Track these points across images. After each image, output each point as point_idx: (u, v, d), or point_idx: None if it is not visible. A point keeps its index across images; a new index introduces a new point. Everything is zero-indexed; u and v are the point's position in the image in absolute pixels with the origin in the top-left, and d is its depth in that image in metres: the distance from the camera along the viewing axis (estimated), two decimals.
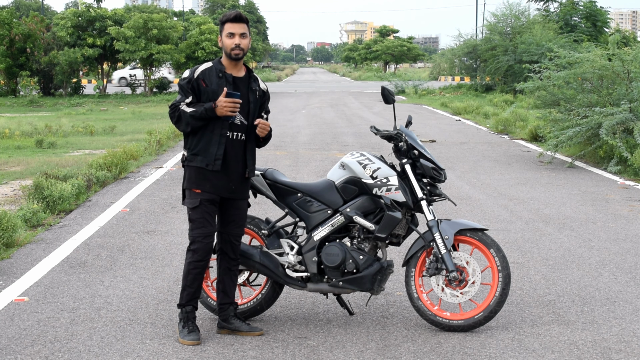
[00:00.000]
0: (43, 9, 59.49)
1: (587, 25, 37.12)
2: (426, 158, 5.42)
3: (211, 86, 5.12)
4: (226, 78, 5.15)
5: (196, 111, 5.07)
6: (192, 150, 5.17)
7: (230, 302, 5.35)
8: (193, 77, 5.14)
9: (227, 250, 5.32)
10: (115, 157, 12.23)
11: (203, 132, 5.14)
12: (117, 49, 35.85)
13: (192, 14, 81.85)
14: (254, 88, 5.26)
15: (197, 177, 5.16)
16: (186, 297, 5.22)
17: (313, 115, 25.77)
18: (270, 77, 69.25)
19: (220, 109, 5.04)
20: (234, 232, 5.31)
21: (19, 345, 5.10)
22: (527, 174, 12.59)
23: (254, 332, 5.30)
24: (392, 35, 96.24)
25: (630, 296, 6.19)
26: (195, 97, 5.13)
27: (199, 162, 5.15)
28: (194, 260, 5.18)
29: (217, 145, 5.12)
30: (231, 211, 5.29)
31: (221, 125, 5.12)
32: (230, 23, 5.13)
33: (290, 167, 13.22)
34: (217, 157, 5.12)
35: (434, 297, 5.70)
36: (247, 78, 5.25)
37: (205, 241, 5.16)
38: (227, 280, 5.35)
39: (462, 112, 25.95)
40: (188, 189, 5.21)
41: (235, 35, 5.13)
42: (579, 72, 13.92)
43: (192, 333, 5.17)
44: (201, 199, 5.15)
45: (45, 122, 20.08)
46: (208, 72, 5.16)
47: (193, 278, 5.20)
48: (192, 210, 5.18)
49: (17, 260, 7.20)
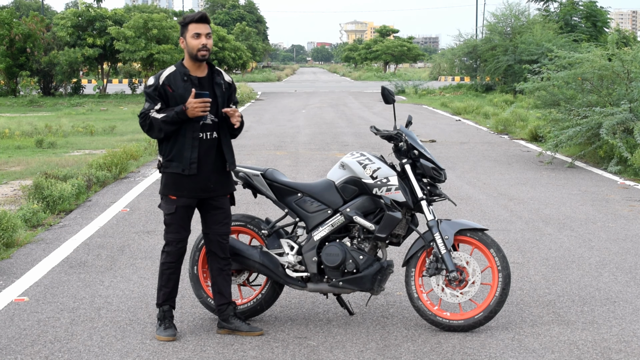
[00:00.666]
0: (43, 9, 59.50)
1: (587, 25, 37.11)
2: (426, 158, 5.42)
3: (177, 91, 5.11)
4: (191, 81, 5.15)
5: (167, 116, 5.07)
6: (167, 157, 5.18)
7: (227, 302, 5.36)
8: (158, 83, 5.13)
9: (216, 250, 5.33)
10: (115, 157, 12.24)
11: (176, 138, 5.15)
12: (117, 49, 35.85)
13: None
14: (218, 82, 5.25)
15: (174, 183, 5.19)
16: (162, 296, 5.29)
17: (313, 115, 25.77)
18: (270, 77, 69.24)
19: (192, 110, 5.03)
20: (220, 231, 5.32)
21: (19, 345, 5.11)
22: (527, 174, 12.59)
23: (254, 332, 5.31)
24: (392, 35, 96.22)
25: (630, 296, 6.19)
26: (164, 103, 5.13)
27: (175, 168, 5.16)
28: (167, 262, 5.27)
29: (191, 149, 5.13)
30: (213, 211, 5.30)
31: (192, 128, 5.12)
32: (195, 24, 5.13)
33: (290, 167, 13.22)
34: (192, 161, 5.13)
35: (434, 297, 5.70)
36: (210, 76, 5.24)
37: (178, 245, 5.26)
38: (220, 281, 5.36)
39: (462, 112, 25.95)
40: (165, 195, 5.24)
41: (201, 35, 5.13)
42: (579, 72, 13.91)
43: (168, 329, 5.23)
44: (177, 206, 5.20)
45: (45, 122, 20.08)
46: (173, 76, 5.15)
47: (167, 278, 5.27)
48: (167, 216, 5.24)
49: (17, 260, 7.20)
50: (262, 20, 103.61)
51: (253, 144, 17.04)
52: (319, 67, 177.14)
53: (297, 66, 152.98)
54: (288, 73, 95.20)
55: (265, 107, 30.10)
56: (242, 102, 32.49)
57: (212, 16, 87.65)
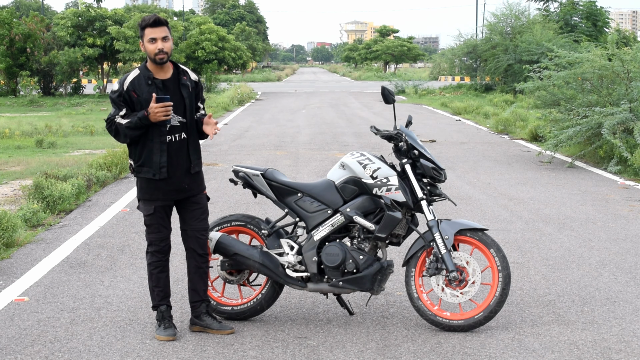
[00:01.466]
0: (43, 9, 59.50)
1: (587, 25, 37.11)
2: (426, 158, 5.42)
3: (142, 95, 5.10)
4: (155, 84, 5.12)
5: (130, 122, 5.06)
6: (138, 162, 5.19)
7: (201, 299, 5.37)
8: (123, 89, 5.11)
9: (195, 246, 5.33)
10: (115, 157, 12.24)
11: (144, 142, 5.14)
12: (117, 49, 35.86)
13: (192, 13, 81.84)
14: (185, 83, 5.22)
15: (148, 187, 5.20)
16: (157, 297, 5.30)
17: (313, 115, 25.77)
18: (270, 77, 69.23)
19: (153, 116, 5.02)
20: (198, 226, 5.32)
21: (19, 345, 5.11)
22: (527, 174, 12.59)
23: (224, 330, 5.33)
24: (392, 35, 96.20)
25: (630, 296, 6.19)
26: (129, 108, 5.11)
27: (146, 173, 5.17)
28: (153, 261, 5.28)
29: (160, 153, 5.13)
30: (190, 207, 5.31)
31: (159, 132, 5.11)
32: (150, 28, 5.08)
33: (290, 167, 13.22)
34: (162, 165, 5.14)
35: (434, 297, 5.70)
36: (175, 76, 5.22)
37: (162, 244, 5.28)
38: (196, 278, 5.37)
39: (462, 112, 25.95)
40: (141, 199, 5.26)
41: (157, 40, 5.08)
42: (579, 72, 13.92)
43: (168, 329, 5.24)
44: (155, 207, 5.22)
45: (45, 122, 20.08)
46: (137, 81, 5.12)
47: (157, 278, 5.28)
48: (147, 217, 5.25)
49: (17, 260, 7.20)
50: (262, 20, 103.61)
51: (253, 144, 17.04)
52: (319, 67, 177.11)
53: (297, 66, 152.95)
54: (288, 73, 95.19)
55: (265, 107, 30.10)
56: (242, 102, 32.51)
57: (212, 16, 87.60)
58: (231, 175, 5.71)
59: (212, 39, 39.54)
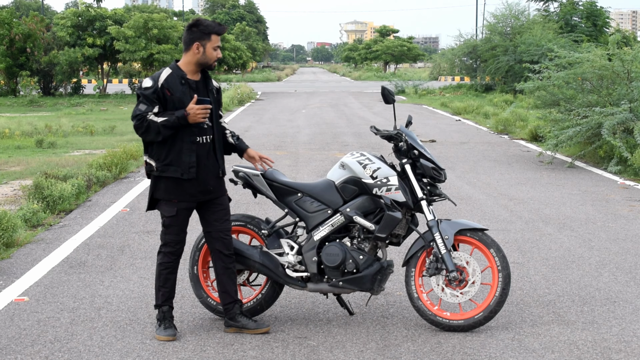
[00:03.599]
0: (43, 9, 59.51)
1: (587, 25, 37.12)
2: (426, 158, 5.42)
3: (176, 94, 5.10)
4: (189, 85, 5.15)
5: (168, 120, 5.04)
6: (164, 161, 5.15)
7: (233, 300, 5.36)
8: (158, 86, 5.10)
9: (220, 247, 5.33)
10: (115, 157, 12.24)
11: (173, 141, 5.13)
12: (117, 49, 35.85)
13: (192, 13, 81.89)
14: (210, 88, 5.28)
15: (175, 188, 5.17)
16: (161, 297, 5.29)
17: (313, 115, 25.77)
18: (270, 77, 69.20)
19: (193, 116, 5.05)
20: (222, 227, 5.32)
21: (19, 345, 5.11)
22: (527, 174, 12.59)
23: (261, 329, 5.32)
24: (392, 35, 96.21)
25: (630, 296, 6.19)
26: (161, 105, 5.11)
27: (173, 172, 5.14)
28: (164, 262, 5.27)
29: (189, 153, 5.13)
30: (213, 209, 5.31)
31: (190, 132, 5.13)
32: (217, 36, 5.17)
33: (290, 167, 13.22)
34: (191, 165, 5.14)
35: (434, 297, 5.70)
36: (203, 80, 5.27)
37: (177, 247, 5.27)
38: (225, 279, 5.36)
39: (462, 112, 25.94)
40: (165, 200, 5.21)
41: (219, 48, 5.23)
42: (579, 72, 13.91)
43: (168, 329, 5.24)
44: (177, 209, 5.19)
45: (45, 122, 20.08)
46: (171, 79, 5.12)
47: (165, 278, 5.28)
48: (168, 218, 5.22)
49: (17, 260, 7.20)
50: (262, 20, 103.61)
51: (253, 144, 17.03)
52: (319, 67, 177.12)
53: (297, 66, 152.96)
54: (288, 73, 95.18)
55: (265, 107, 30.10)
56: (242, 102, 32.51)
57: (212, 16, 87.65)
58: (231, 175, 5.70)
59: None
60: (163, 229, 5.27)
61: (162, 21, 36.45)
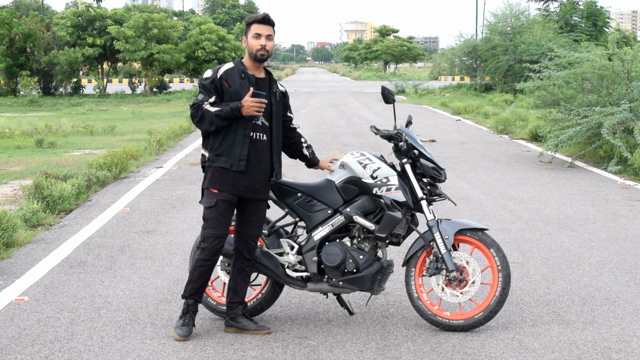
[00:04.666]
0: (43, 9, 59.51)
1: (587, 25, 37.12)
2: (426, 158, 5.42)
3: (234, 87, 5.15)
4: (249, 79, 5.19)
5: (221, 110, 5.09)
6: (216, 151, 5.19)
7: (239, 301, 5.37)
8: (216, 77, 5.17)
9: (243, 249, 5.33)
10: (115, 157, 12.24)
11: (226, 133, 5.16)
12: (117, 49, 35.86)
13: (192, 13, 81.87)
14: (274, 90, 5.31)
15: (219, 178, 5.18)
16: (190, 291, 5.28)
17: (313, 115, 25.77)
18: None
19: (247, 109, 5.07)
20: (251, 232, 5.32)
21: (19, 345, 5.11)
22: (527, 174, 12.59)
23: (262, 331, 5.32)
24: (392, 35, 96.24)
25: (630, 296, 6.19)
26: (218, 96, 5.16)
27: (223, 163, 5.16)
28: (201, 258, 5.23)
29: (241, 145, 5.15)
30: (250, 212, 5.31)
31: (244, 125, 5.15)
32: (258, 24, 5.19)
33: (290, 167, 13.21)
34: (242, 158, 5.15)
35: (434, 297, 5.70)
36: (267, 80, 5.31)
37: (214, 242, 5.20)
38: (239, 279, 5.37)
39: (462, 111, 25.95)
40: (207, 188, 5.23)
41: (261, 36, 5.19)
42: (579, 72, 13.91)
43: (184, 327, 5.23)
44: (217, 199, 5.17)
45: (45, 122, 20.09)
46: (231, 72, 5.19)
47: (199, 274, 5.25)
48: (207, 210, 5.21)
49: (17, 260, 7.20)
50: None
51: None
52: (319, 67, 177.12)
53: (297, 66, 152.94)
54: (288, 73, 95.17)
55: None
56: None
57: (212, 16, 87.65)
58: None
59: (212, 39, 39.51)
60: (203, 224, 5.25)
61: (162, 21, 36.45)
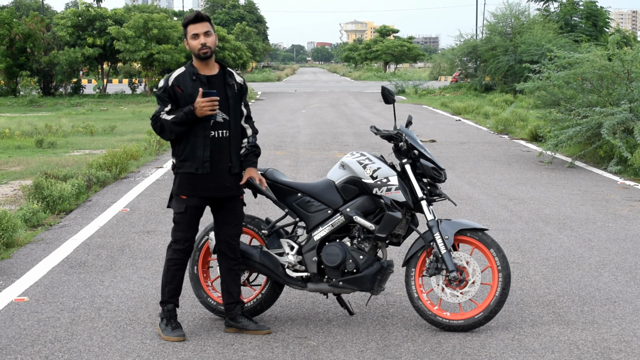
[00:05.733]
0: (43, 9, 59.50)
1: (587, 25, 37.12)
2: (426, 158, 5.42)
3: (187, 91, 5.13)
4: (200, 79, 5.16)
5: (177, 117, 5.09)
6: (180, 157, 5.20)
7: (235, 301, 5.37)
8: (168, 85, 5.16)
9: (226, 250, 5.34)
10: (116, 157, 12.24)
11: (187, 138, 5.16)
12: (117, 49, 35.86)
13: None
14: (230, 83, 5.27)
15: (188, 183, 5.19)
16: (168, 293, 5.29)
17: (313, 115, 25.77)
18: (270, 77, 69.21)
19: (200, 110, 5.05)
20: (230, 232, 5.33)
21: (19, 345, 5.11)
22: (527, 174, 12.59)
23: (262, 331, 5.32)
24: (392, 35, 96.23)
25: (630, 296, 6.19)
26: (174, 104, 5.15)
27: (188, 168, 5.17)
28: (173, 258, 5.28)
29: (203, 147, 5.14)
30: (225, 212, 5.31)
31: (203, 127, 5.14)
32: (192, 24, 5.16)
33: (290, 167, 13.22)
34: (205, 160, 5.15)
35: (434, 297, 5.70)
36: (221, 75, 5.27)
37: (186, 244, 5.27)
38: (229, 280, 5.37)
39: (462, 112, 25.95)
40: (176, 194, 5.25)
41: (199, 35, 5.15)
42: (579, 72, 13.91)
43: (176, 329, 5.23)
44: (187, 205, 5.21)
45: (45, 122, 20.08)
46: (182, 77, 5.17)
47: (172, 275, 5.28)
48: (177, 215, 5.25)
49: (17, 260, 7.20)
50: (262, 20, 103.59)
51: None
52: (319, 67, 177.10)
53: (297, 66, 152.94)
54: (288, 73, 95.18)
55: (266, 107, 30.10)
56: None
57: (212, 16, 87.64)
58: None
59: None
60: (174, 226, 5.29)
61: (162, 21, 36.45)
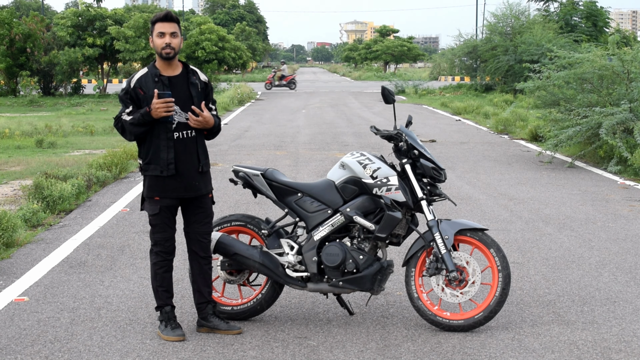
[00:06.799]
0: (43, 9, 59.51)
1: (587, 25, 37.15)
2: (426, 158, 5.42)
3: (149, 92, 5.11)
4: (162, 81, 5.14)
5: (134, 118, 5.08)
6: (145, 160, 5.20)
7: (206, 301, 5.37)
8: (130, 87, 5.15)
9: (196, 249, 5.34)
10: (115, 157, 12.24)
11: (150, 140, 5.16)
12: (117, 49, 35.85)
13: (192, 13, 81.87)
14: (194, 82, 5.24)
15: (156, 185, 5.19)
16: (162, 296, 5.29)
17: (313, 115, 25.77)
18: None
19: (154, 111, 5.04)
20: (201, 230, 5.32)
21: (19, 345, 5.11)
22: (527, 174, 12.59)
23: (232, 331, 5.33)
24: (392, 35, 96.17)
25: (630, 296, 6.19)
26: (136, 106, 5.14)
27: (153, 171, 5.17)
28: (158, 261, 5.27)
29: (167, 149, 5.14)
30: (193, 210, 5.30)
31: (165, 129, 5.12)
32: (161, 23, 5.13)
33: (290, 167, 13.22)
34: (170, 162, 5.14)
35: (434, 297, 5.70)
36: (184, 75, 5.23)
37: (167, 244, 5.26)
38: (200, 280, 5.37)
39: (462, 112, 25.95)
40: (148, 197, 5.24)
41: (165, 34, 5.11)
42: (579, 72, 13.91)
43: (176, 329, 5.23)
44: (160, 206, 5.20)
45: (45, 122, 20.08)
46: (144, 79, 5.15)
47: (161, 278, 5.27)
48: (152, 217, 5.24)
49: (17, 260, 7.20)
50: (262, 20, 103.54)
51: (253, 144, 17.04)
52: (319, 67, 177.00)
53: (297, 66, 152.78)
54: (288, 73, 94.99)
55: (265, 107, 30.10)
56: (242, 102, 32.51)
57: (212, 16, 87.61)
58: (231, 175, 5.71)
59: (212, 39, 39.52)
60: (150, 229, 5.28)
61: None
